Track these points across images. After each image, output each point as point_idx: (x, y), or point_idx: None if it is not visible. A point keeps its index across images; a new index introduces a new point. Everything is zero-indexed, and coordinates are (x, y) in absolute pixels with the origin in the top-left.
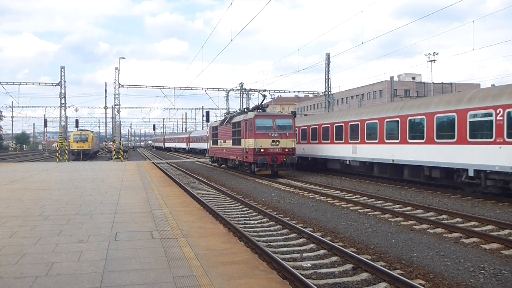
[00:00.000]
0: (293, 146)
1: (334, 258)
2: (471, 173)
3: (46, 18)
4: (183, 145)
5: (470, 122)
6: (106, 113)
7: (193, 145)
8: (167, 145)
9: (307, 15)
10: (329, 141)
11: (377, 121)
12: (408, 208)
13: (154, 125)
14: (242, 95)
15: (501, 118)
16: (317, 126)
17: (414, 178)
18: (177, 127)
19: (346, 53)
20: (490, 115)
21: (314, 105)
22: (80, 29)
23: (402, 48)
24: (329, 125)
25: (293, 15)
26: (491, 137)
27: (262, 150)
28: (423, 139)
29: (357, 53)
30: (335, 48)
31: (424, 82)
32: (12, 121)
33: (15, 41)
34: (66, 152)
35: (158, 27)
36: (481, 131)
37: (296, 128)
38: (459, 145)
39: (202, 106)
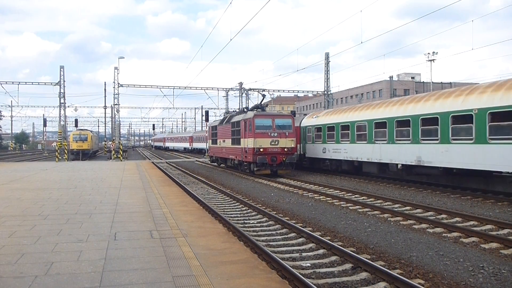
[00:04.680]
0: (293, 145)
1: (333, 258)
2: None
3: (48, 17)
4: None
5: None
6: (105, 113)
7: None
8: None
9: (309, 14)
10: None
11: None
12: (408, 207)
13: (153, 125)
14: (242, 94)
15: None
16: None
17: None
18: (177, 126)
19: (347, 53)
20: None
21: (313, 104)
22: (82, 28)
23: (403, 47)
24: None
25: (295, 15)
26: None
27: (261, 150)
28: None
29: (358, 52)
30: (337, 48)
31: (423, 82)
32: (12, 120)
33: (16, 41)
34: (66, 151)
35: (160, 26)
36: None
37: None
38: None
39: (202, 106)
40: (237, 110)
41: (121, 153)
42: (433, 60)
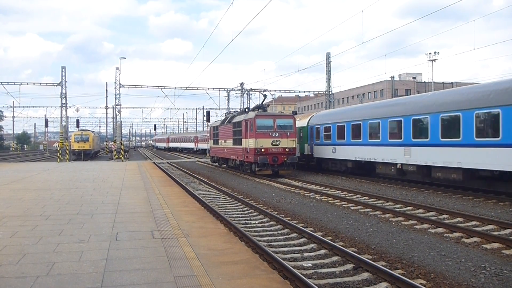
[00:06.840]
0: (294, 145)
1: (335, 258)
2: None
3: (51, 18)
4: None
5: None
6: (107, 113)
7: None
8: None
9: (311, 14)
10: None
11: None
12: (409, 207)
13: (155, 125)
14: (243, 95)
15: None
16: None
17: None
18: (178, 127)
19: (349, 53)
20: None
21: (314, 104)
22: (84, 29)
23: (405, 47)
24: None
25: (298, 15)
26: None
27: (262, 150)
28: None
29: (360, 52)
30: (339, 48)
31: (425, 82)
32: (13, 121)
33: (19, 41)
34: (67, 152)
35: (162, 27)
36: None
37: None
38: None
39: (203, 106)
40: (239, 111)
41: (123, 153)
42: (435, 60)
